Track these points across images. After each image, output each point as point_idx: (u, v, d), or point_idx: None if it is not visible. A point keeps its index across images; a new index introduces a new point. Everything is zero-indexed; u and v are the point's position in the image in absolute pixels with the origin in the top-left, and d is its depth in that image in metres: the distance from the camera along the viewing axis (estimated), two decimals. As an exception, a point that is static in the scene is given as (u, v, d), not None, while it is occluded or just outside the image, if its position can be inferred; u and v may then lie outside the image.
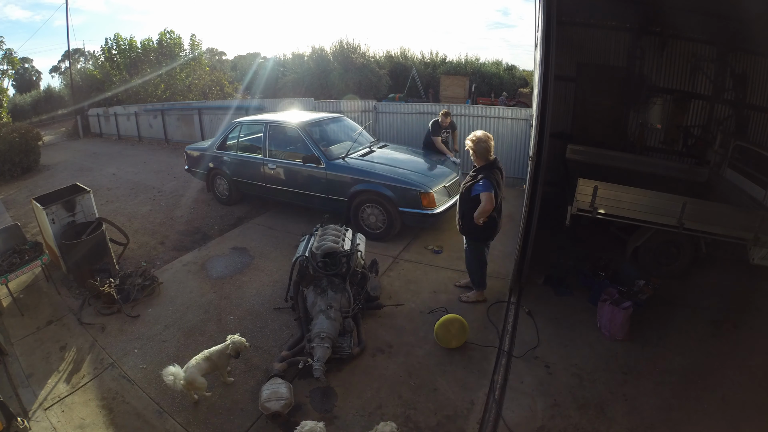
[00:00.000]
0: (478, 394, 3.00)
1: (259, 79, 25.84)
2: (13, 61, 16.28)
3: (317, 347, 3.08)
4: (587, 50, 6.43)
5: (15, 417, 2.80)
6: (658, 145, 6.61)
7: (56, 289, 4.51)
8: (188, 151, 7.42)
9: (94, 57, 23.17)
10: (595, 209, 4.27)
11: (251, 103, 12.24)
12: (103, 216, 5.33)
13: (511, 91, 20.10)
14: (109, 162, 11.40)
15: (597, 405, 2.88)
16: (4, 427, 2.75)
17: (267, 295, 4.31)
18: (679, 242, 4.33)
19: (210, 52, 30.43)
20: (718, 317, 3.81)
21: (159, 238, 5.86)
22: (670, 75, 6.31)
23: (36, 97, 25.87)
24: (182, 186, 8.33)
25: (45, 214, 4.55)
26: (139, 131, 15.13)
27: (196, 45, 19.45)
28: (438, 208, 5.09)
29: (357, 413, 2.87)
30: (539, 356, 3.36)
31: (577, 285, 4.24)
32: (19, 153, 10.43)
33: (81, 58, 29.05)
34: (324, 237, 3.88)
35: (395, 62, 23.95)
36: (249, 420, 2.85)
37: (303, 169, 5.72)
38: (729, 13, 5.33)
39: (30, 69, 35.59)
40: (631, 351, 3.38)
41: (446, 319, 3.42)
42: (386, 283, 4.44)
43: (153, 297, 4.35)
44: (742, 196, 4.83)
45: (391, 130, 8.65)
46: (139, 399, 3.06)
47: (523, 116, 7.28)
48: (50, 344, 3.71)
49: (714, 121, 6.20)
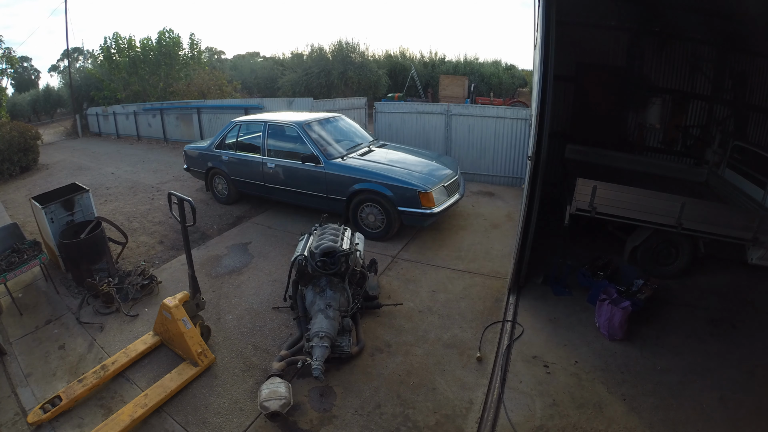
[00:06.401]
0: (476, 394, 3.01)
1: (258, 78, 25.84)
2: (12, 60, 16.26)
3: (316, 346, 3.08)
4: (586, 50, 6.43)
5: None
6: (657, 144, 6.62)
7: (55, 289, 4.51)
8: (187, 151, 7.42)
9: (93, 56, 23.16)
10: (594, 209, 4.28)
11: (250, 102, 12.24)
12: (102, 215, 5.33)
13: (510, 90, 20.12)
14: (108, 161, 11.39)
15: (596, 405, 2.88)
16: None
17: (266, 294, 4.31)
18: (678, 242, 4.34)
19: (209, 52, 30.45)
20: (716, 317, 3.82)
21: (158, 238, 5.85)
22: (669, 75, 6.31)
23: (35, 96, 25.82)
24: (181, 185, 8.32)
25: (44, 213, 4.55)
26: (137, 130, 15.13)
27: (196, 44, 19.46)
28: (437, 207, 5.09)
29: (356, 412, 2.88)
30: (538, 356, 3.36)
31: (575, 285, 4.24)
32: (18, 152, 10.42)
33: (80, 57, 29.04)
34: (323, 236, 3.88)
35: (394, 62, 23.99)
36: (248, 419, 2.85)
37: (302, 169, 5.72)
38: (729, 13, 5.34)
39: (29, 68, 35.56)
40: (629, 351, 3.39)
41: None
42: (385, 282, 4.44)
43: (152, 296, 4.35)
44: (741, 196, 4.84)
45: (390, 130, 8.64)
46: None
47: (523, 116, 7.28)
48: (49, 344, 3.71)
49: (713, 121, 6.21)
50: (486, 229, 5.79)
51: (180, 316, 3.26)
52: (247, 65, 28.51)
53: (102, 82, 18.35)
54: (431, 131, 8.19)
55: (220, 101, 13.74)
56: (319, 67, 21.44)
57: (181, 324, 3.24)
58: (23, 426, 2.85)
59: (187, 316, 3.31)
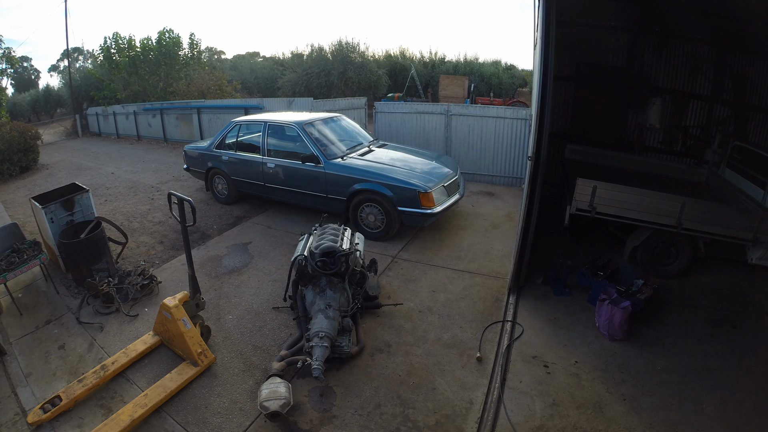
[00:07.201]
0: (476, 394, 3.01)
1: (258, 78, 25.85)
2: (12, 60, 16.26)
3: (316, 346, 3.08)
4: (586, 50, 6.43)
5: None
6: (657, 144, 6.62)
7: (55, 289, 4.51)
8: (187, 151, 7.42)
9: (93, 56, 23.16)
10: (594, 209, 4.28)
11: (250, 102, 12.25)
12: (102, 215, 5.33)
13: (510, 90, 20.12)
14: (108, 161, 11.39)
15: (595, 405, 2.88)
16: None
17: (266, 294, 4.31)
18: (678, 242, 4.34)
19: (209, 52, 30.46)
20: (716, 317, 3.82)
21: (158, 237, 5.85)
22: (669, 75, 6.31)
23: (35, 96, 25.82)
24: (181, 185, 8.32)
25: (44, 213, 4.55)
26: (137, 130, 15.13)
27: (196, 44, 19.46)
28: (437, 207, 5.09)
29: (356, 412, 2.88)
30: (538, 356, 3.36)
31: (575, 285, 4.24)
32: (18, 152, 10.42)
33: (80, 57, 29.04)
34: (323, 236, 3.88)
35: (394, 62, 24.00)
36: (248, 419, 2.85)
37: (302, 169, 5.72)
38: (729, 13, 5.33)
39: (29, 68, 35.56)
40: (629, 350, 3.39)
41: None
42: (385, 282, 4.44)
43: (152, 296, 4.35)
44: (741, 196, 4.84)
45: (390, 130, 8.64)
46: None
47: (522, 116, 7.28)
48: (49, 344, 3.71)
49: (713, 121, 6.21)
50: (486, 229, 5.79)
51: (180, 316, 3.26)
52: (247, 65, 28.50)
53: (102, 82, 18.36)
54: (431, 131, 8.20)
55: (220, 101, 13.74)
56: (319, 67, 21.44)
57: (181, 324, 3.24)
58: (23, 426, 2.85)
59: (187, 316, 3.31)
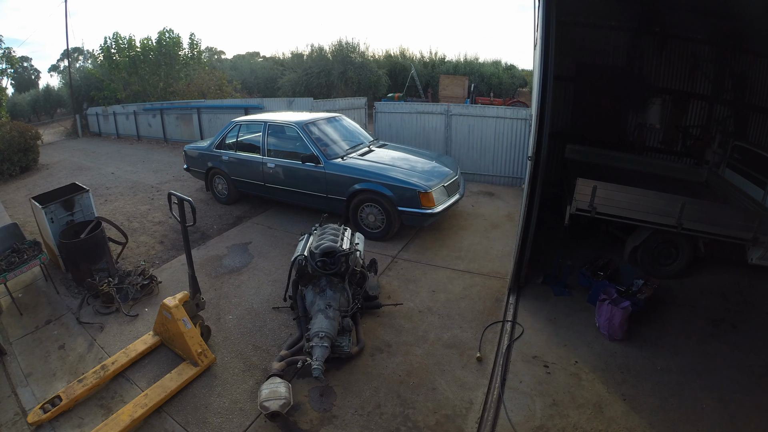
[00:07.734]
0: (476, 394, 3.01)
1: (258, 78, 25.84)
2: (12, 60, 16.26)
3: (316, 347, 3.08)
4: (586, 50, 6.43)
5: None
6: (657, 144, 6.62)
7: (55, 289, 4.51)
8: (187, 151, 7.42)
9: (93, 56, 23.16)
10: (594, 209, 4.28)
11: (250, 102, 12.24)
12: (102, 215, 5.33)
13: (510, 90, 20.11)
14: (108, 161, 11.39)
15: (595, 405, 2.88)
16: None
17: (266, 294, 4.31)
18: (678, 242, 4.34)
19: (209, 52, 30.47)
20: (716, 317, 3.82)
21: (158, 237, 5.85)
22: (669, 75, 6.31)
23: (35, 96, 25.83)
24: (181, 185, 8.32)
25: (44, 213, 4.55)
26: (138, 130, 15.13)
27: (196, 44, 19.46)
28: (437, 207, 5.09)
29: (356, 412, 2.88)
30: (538, 356, 3.36)
31: (575, 285, 4.24)
32: (18, 152, 10.42)
33: (80, 57, 29.04)
34: (323, 236, 3.88)
35: (394, 62, 23.98)
36: (248, 419, 2.85)
37: (302, 169, 5.72)
38: (729, 13, 5.33)
39: (29, 68, 35.56)
40: (629, 351, 3.39)
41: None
42: (385, 282, 4.44)
43: (152, 296, 4.35)
44: (741, 196, 4.84)
45: (390, 130, 8.64)
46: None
47: (522, 116, 7.28)
48: (49, 344, 3.71)
49: (713, 121, 6.21)
50: (486, 229, 5.79)
51: (180, 316, 3.26)
52: (247, 65, 28.48)
53: (102, 82, 18.35)
54: (431, 131, 8.20)
55: (220, 101, 13.74)
56: (319, 67, 21.42)
57: (181, 324, 3.24)
58: (23, 426, 2.85)
59: (187, 316, 3.31)
